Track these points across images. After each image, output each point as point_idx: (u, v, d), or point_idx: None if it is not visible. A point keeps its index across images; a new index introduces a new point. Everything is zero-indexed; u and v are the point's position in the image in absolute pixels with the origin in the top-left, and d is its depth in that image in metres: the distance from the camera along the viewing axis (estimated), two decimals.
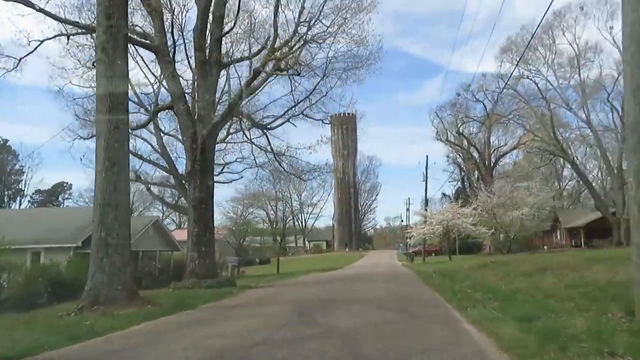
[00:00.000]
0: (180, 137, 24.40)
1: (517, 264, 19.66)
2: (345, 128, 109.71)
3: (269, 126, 24.06)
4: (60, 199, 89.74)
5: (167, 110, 23.24)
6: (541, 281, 12.29)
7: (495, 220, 44.67)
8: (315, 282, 20.41)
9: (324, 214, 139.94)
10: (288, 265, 58.31)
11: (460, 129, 57.80)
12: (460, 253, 61.62)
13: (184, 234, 47.77)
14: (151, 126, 39.21)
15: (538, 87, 38.31)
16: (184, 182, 40.10)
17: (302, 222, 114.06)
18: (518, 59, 33.85)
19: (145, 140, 39.12)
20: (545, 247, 56.86)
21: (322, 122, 24.10)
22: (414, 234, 41.47)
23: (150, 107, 26.35)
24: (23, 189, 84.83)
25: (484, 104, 57.94)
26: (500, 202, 45.58)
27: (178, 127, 22.74)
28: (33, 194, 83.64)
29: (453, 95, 57.67)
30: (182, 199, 38.89)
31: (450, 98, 57.79)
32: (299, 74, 19.30)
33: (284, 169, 27.51)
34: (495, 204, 45.45)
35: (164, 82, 19.76)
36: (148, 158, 38.43)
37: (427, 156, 45.81)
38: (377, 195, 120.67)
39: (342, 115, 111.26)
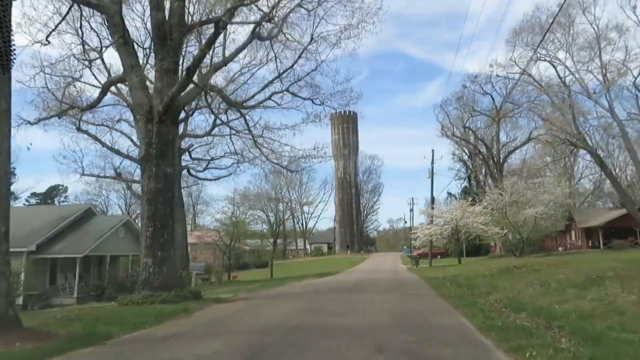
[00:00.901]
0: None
1: (551, 270, 16.03)
2: (345, 126, 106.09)
3: (245, 104, 20.43)
4: (56, 201, 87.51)
5: None
6: (612, 297, 8.61)
7: (507, 219, 40.93)
8: (303, 292, 16.79)
9: (325, 215, 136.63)
10: (284, 270, 54.78)
11: (467, 123, 54.11)
12: (466, 255, 58.09)
13: None
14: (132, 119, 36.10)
15: (557, 71, 34.50)
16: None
17: (302, 224, 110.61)
18: (540, 40, 30.01)
19: (123, 133, 35.75)
20: (559, 248, 53.09)
21: (312, 101, 20.41)
22: (419, 235, 37.69)
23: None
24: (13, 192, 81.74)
25: (492, 96, 54.41)
26: (512, 200, 41.90)
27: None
28: (28, 197, 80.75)
29: (459, 88, 53.93)
30: None
31: (456, 90, 53.74)
32: (279, 30, 15.50)
33: (266, 157, 23.89)
34: (507, 202, 41.76)
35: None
36: (127, 154, 35.11)
37: (432, 150, 42.23)
38: (379, 195, 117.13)
39: (342, 113, 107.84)
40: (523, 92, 43.37)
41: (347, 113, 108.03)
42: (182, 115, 35.07)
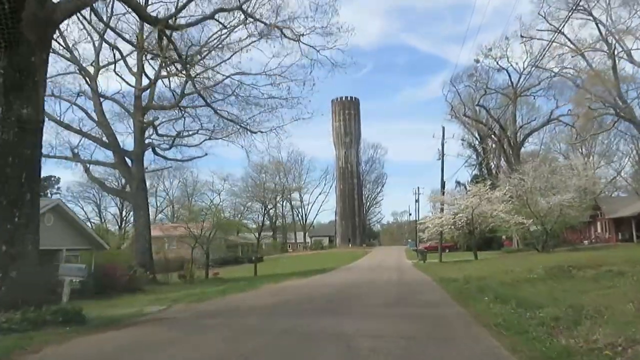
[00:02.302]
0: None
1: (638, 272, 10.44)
2: (347, 113, 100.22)
3: (174, 21, 14.84)
4: (48, 193, 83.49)
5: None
6: None
7: (529, 208, 35.26)
8: (269, 305, 11.35)
9: (326, 207, 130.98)
10: (276, 266, 49.49)
11: (480, 102, 48.31)
12: (479, 249, 52.44)
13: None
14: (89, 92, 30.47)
15: (598, 28, 28.68)
16: (127, 159, 31.31)
17: (302, 217, 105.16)
18: None
19: (77, 106, 30.21)
20: (585, 241, 47.29)
21: (279, 31, 14.77)
22: (428, 226, 31.95)
23: None
24: None
25: (507, 72, 48.63)
26: (534, 186, 36.17)
27: None
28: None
29: (471, 63, 48.04)
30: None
31: (468, 66, 47.85)
32: None
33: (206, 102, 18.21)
34: (529, 188, 36.06)
35: None
36: (79, 128, 29.59)
37: (443, 128, 36.55)
38: (382, 186, 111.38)
39: (343, 99, 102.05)
40: (545, 68, 37.77)
41: (349, 99, 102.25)
42: (145, 82, 29.89)
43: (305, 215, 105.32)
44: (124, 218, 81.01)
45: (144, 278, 23.26)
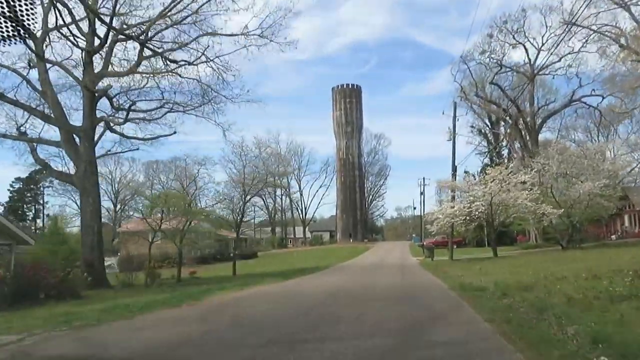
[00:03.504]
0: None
1: None
2: (348, 102, 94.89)
3: None
4: (40, 186, 79.60)
5: None
6: None
7: (553, 197, 30.18)
8: (163, 347, 6.44)
9: (327, 201, 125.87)
10: (265, 263, 44.73)
11: (495, 80, 43.01)
12: (488, 245, 47.47)
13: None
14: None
15: None
16: (75, 136, 26.42)
17: (302, 211, 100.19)
18: None
19: (17, 72, 25.34)
20: (612, 236, 42.11)
21: None
22: (438, 217, 26.63)
23: None
24: None
25: (524, 47, 43.36)
26: (561, 171, 30.97)
27: None
28: (12, 181, 75.02)
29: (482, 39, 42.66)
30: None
31: (480, 41, 42.46)
32: None
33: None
34: (554, 174, 30.91)
35: None
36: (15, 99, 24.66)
37: (455, 103, 31.39)
38: (386, 179, 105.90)
39: (344, 87, 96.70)
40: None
41: (350, 86, 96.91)
42: (97, 42, 25.09)
43: (305, 209, 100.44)
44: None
45: (80, 280, 18.37)
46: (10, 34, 2.74)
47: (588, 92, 42.30)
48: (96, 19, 23.02)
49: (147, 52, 23.77)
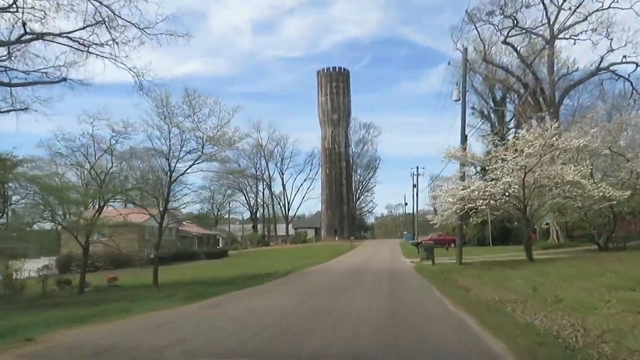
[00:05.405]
0: None
1: None
2: (335, 86, 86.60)
3: None
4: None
5: None
6: None
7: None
8: None
9: (312, 196, 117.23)
10: (226, 265, 36.67)
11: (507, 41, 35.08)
12: (493, 244, 39.71)
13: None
14: None
15: None
16: None
17: (285, 206, 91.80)
18: None
19: None
20: None
21: None
22: (448, 199, 17.87)
23: None
24: None
25: (543, 2, 35.47)
26: (594, 148, 23.07)
27: None
28: None
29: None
30: None
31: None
32: None
33: None
34: (593, 151, 22.99)
35: None
36: None
37: (465, 49, 23.32)
38: (375, 170, 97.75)
39: (331, 70, 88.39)
40: None
41: (337, 70, 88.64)
42: None
43: (289, 204, 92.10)
44: None
45: None
46: None
47: (618, 59, 34.78)
48: None
49: None
